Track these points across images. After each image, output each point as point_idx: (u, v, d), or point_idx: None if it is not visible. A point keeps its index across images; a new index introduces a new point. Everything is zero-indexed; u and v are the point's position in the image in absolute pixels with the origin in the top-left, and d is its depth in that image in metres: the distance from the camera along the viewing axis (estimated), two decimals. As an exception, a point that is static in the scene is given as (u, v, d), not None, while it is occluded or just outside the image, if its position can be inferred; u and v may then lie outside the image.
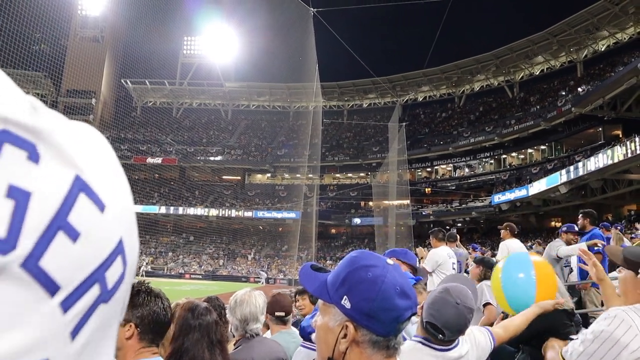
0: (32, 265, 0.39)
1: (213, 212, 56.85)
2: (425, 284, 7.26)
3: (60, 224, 0.41)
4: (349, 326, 1.37)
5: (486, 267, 5.84)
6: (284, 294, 4.53)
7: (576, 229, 8.02)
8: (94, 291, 0.44)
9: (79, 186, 0.44)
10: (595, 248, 7.48)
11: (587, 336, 2.38)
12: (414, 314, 1.41)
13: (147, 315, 2.39)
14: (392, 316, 1.36)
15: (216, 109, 69.17)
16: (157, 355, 2.39)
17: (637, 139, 27.33)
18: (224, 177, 63.95)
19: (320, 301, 1.46)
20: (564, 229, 8.06)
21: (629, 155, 27.78)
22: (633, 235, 18.14)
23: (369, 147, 60.75)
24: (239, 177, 64.30)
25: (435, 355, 2.31)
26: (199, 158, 60.88)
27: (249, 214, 57.01)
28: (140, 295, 2.42)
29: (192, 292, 28.47)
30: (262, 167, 62.83)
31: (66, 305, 0.42)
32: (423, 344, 2.34)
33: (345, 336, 1.38)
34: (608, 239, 8.31)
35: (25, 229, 0.39)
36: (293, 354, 4.01)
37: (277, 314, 4.11)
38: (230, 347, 4.13)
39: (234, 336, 5.40)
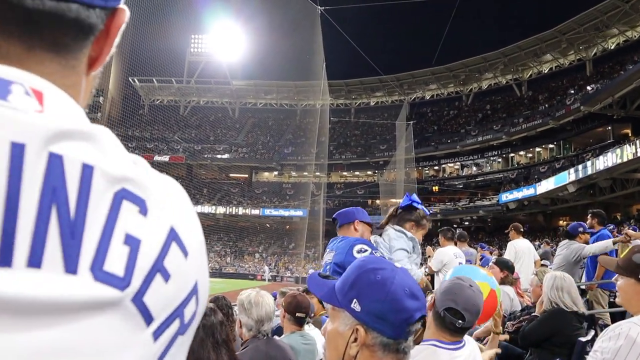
0: (138, 300, 0.47)
1: (220, 209, 57.02)
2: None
3: (159, 267, 0.50)
4: (359, 329, 1.37)
5: (503, 267, 5.82)
6: (304, 294, 4.54)
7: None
8: (176, 324, 0.52)
9: (173, 236, 0.52)
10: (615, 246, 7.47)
11: (604, 356, 2.36)
12: (424, 316, 1.41)
13: None
14: (402, 317, 1.37)
15: (223, 107, 69.27)
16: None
17: (646, 138, 27.17)
18: (231, 175, 64.07)
19: (329, 307, 1.47)
20: (581, 229, 7.92)
21: (639, 154, 27.60)
22: None
23: (376, 145, 60.67)
24: (246, 175, 64.41)
25: (451, 356, 2.30)
26: (206, 156, 61.01)
27: (256, 211, 57.14)
28: None
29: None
30: (269, 165, 62.90)
31: (156, 335, 0.49)
32: (437, 346, 2.33)
33: (355, 340, 1.38)
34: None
35: (136, 270, 0.47)
36: (303, 354, 4.03)
37: (298, 314, 4.12)
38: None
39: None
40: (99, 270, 0.45)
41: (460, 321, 2.29)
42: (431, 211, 49.19)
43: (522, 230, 8.81)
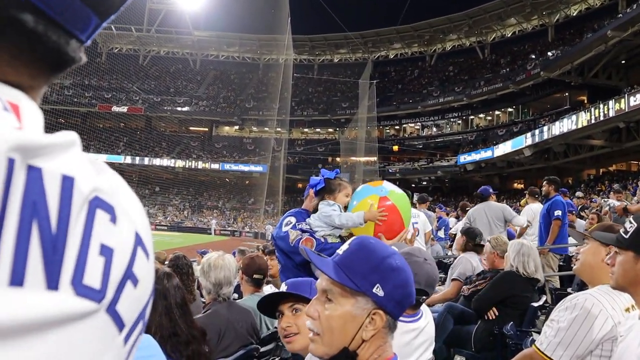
0: (112, 309, 0.48)
1: (179, 163, 56.29)
2: None
3: (129, 274, 0.50)
4: (379, 313, 1.37)
5: (468, 237, 5.93)
6: (261, 256, 4.53)
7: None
8: (140, 326, 0.54)
9: (138, 241, 0.52)
10: (556, 214, 7.71)
11: (560, 324, 2.44)
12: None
13: None
14: (411, 301, 1.44)
15: (184, 58, 67.49)
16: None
17: (601, 106, 27.88)
18: (191, 128, 63.07)
19: (335, 287, 1.41)
20: (491, 191, 8.47)
21: (593, 121, 28.38)
22: (593, 199, 18.63)
23: (338, 103, 60.43)
24: (207, 129, 63.49)
25: (411, 329, 2.34)
26: (165, 108, 59.69)
27: (215, 166, 56.62)
28: None
29: (158, 244, 28.42)
30: (230, 119, 62.04)
31: (126, 339, 0.50)
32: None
33: (372, 323, 1.37)
34: (569, 204, 8.54)
35: (110, 280, 0.47)
36: (265, 317, 4.04)
37: (255, 276, 4.11)
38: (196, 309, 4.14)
39: (201, 295, 5.43)
40: (79, 285, 0.45)
41: (424, 297, 2.33)
42: (390, 170, 49.81)
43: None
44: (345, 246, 1.47)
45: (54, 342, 0.43)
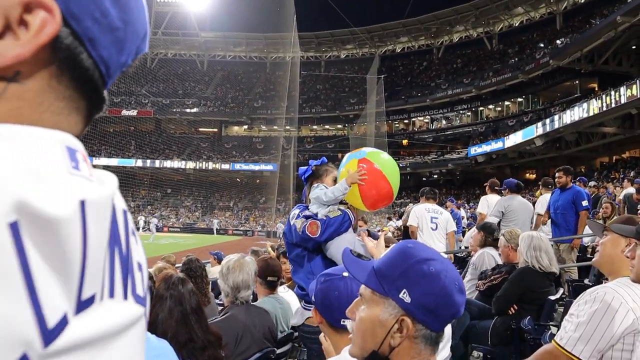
0: (145, 314, 0.60)
1: (190, 164, 56.49)
2: None
3: (149, 284, 0.64)
4: (406, 320, 1.33)
5: (486, 233, 5.87)
6: (274, 258, 4.51)
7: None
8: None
9: (144, 254, 0.62)
10: (584, 204, 7.61)
11: (580, 319, 2.40)
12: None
13: None
14: (451, 312, 1.35)
15: (192, 60, 67.67)
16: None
17: (612, 93, 27.56)
18: (200, 129, 63.22)
19: (366, 290, 1.41)
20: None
21: (604, 108, 28.05)
22: (607, 189, 18.41)
23: (346, 98, 60.33)
24: (216, 129, 63.64)
25: None
26: (174, 110, 59.93)
27: (226, 166, 56.77)
28: None
29: (170, 246, 28.57)
30: (239, 119, 62.17)
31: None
32: None
33: (399, 330, 1.34)
34: (587, 195, 8.40)
35: (145, 289, 0.61)
36: (280, 319, 4.03)
37: (269, 278, 4.10)
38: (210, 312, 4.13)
39: (215, 297, 5.42)
40: (136, 294, 0.55)
41: None
42: (401, 165, 49.62)
43: (496, 188, 9.05)
44: (386, 250, 1.49)
45: (129, 341, 0.52)
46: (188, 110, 60.87)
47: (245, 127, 63.75)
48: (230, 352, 3.19)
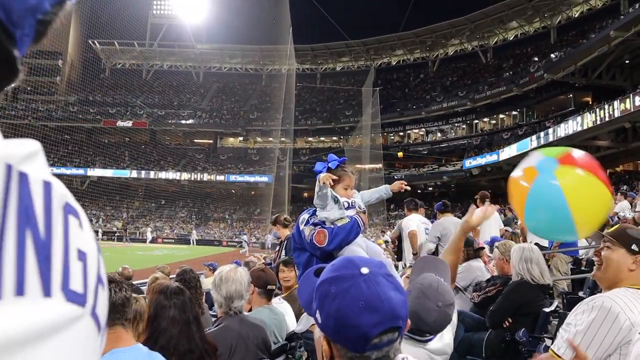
0: (94, 313, 0.48)
1: (185, 176, 56.40)
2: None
3: (100, 277, 0.51)
4: (323, 342, 1.33)
5: (467, 247, 5.84)
6: (268, 268, 4.50)
7: None
8: (104, 330, 0.53)
9: (97, 245, 0.52)
10: None
11: (577, 327, 2.39)
12: (397, 327, 1.28)
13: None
14: (357, 333, 1.25)
15: (187, 71, 67.76)
16: (129, 339, 2.34)
17: (605, 106, 27.77)
18: (195, 140, 63.19)
19: None
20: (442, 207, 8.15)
21: (598, 122, 28.27)
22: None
23: (341, 111, 60.49)
24: (211, 141, 63.62)
25: (417, 346, 2.28)
26: (170, 121, 59.90)
27: (221, 177, 56.73)
28: None
29: (164, 258, 28.42)
30: (235, 130, 62.16)
31: (101, 335, 0.51)
32: (404, 336, 2.28)
33: (324, 351, 1.33)
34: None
35: (89, 284, 0.48)
36: (275, 330, 4.01)
37: (269, 287, 4.08)
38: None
39: (209, 308, 5.38)
40: (67, 290, 0.45)
41: (427, 335, 2.27)
42: (396, 177, 49.68)
43: (487, 200, 9.02)
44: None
45: (54, 348, 0.42)
46: (183, 121, 60.85)
47: (241, 138, 63.76)
48: (224, 362, 3.17)
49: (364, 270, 1.29)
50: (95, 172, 53.56)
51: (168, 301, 2.80)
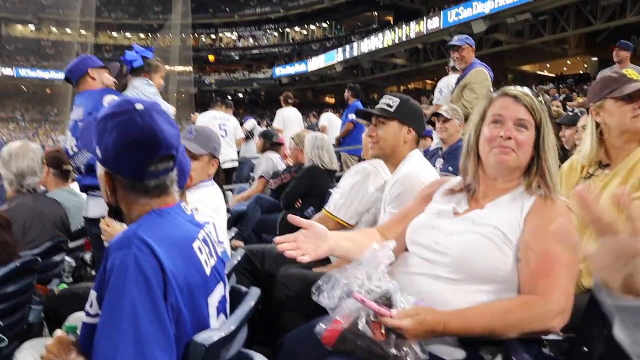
0: None
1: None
2: None
3: None
4: (105, 177, 1.45)
5: (266, 139, 6.43)
6: (62, 149, 4.37)
7: None
8: None
9: None
10: (350, 117, 8.56)
11: (344, 189, 2.90)
12: (171, 156, 1.42)
13: None
14: (134, 161, 1.38)
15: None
16: None
17: (404, 27, 30.01)
18: (-25, 25, 54.80)
19: None
20: None
21: (397, 41, 30.55)
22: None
23: (150, 6, 56.47)
24: (-5, 27, 55.69)
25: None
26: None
27: (9, 71, 50.40)
28: None
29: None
30: (24, 17, 54.83)
31: None
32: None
33: (107, 184, 1.46)
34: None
35: None
36: (73, 211, 3.96)
37: (65, 167, 3.94)
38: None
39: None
40: None
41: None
42: (207, 82, 48.88)
43: (290, 100, 9.60)
44: None
45: None
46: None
47: (32, 27, 56.62)
48: (19, 239, 3.10)
49: (139, 106, 1.39)
50: None
51: None
